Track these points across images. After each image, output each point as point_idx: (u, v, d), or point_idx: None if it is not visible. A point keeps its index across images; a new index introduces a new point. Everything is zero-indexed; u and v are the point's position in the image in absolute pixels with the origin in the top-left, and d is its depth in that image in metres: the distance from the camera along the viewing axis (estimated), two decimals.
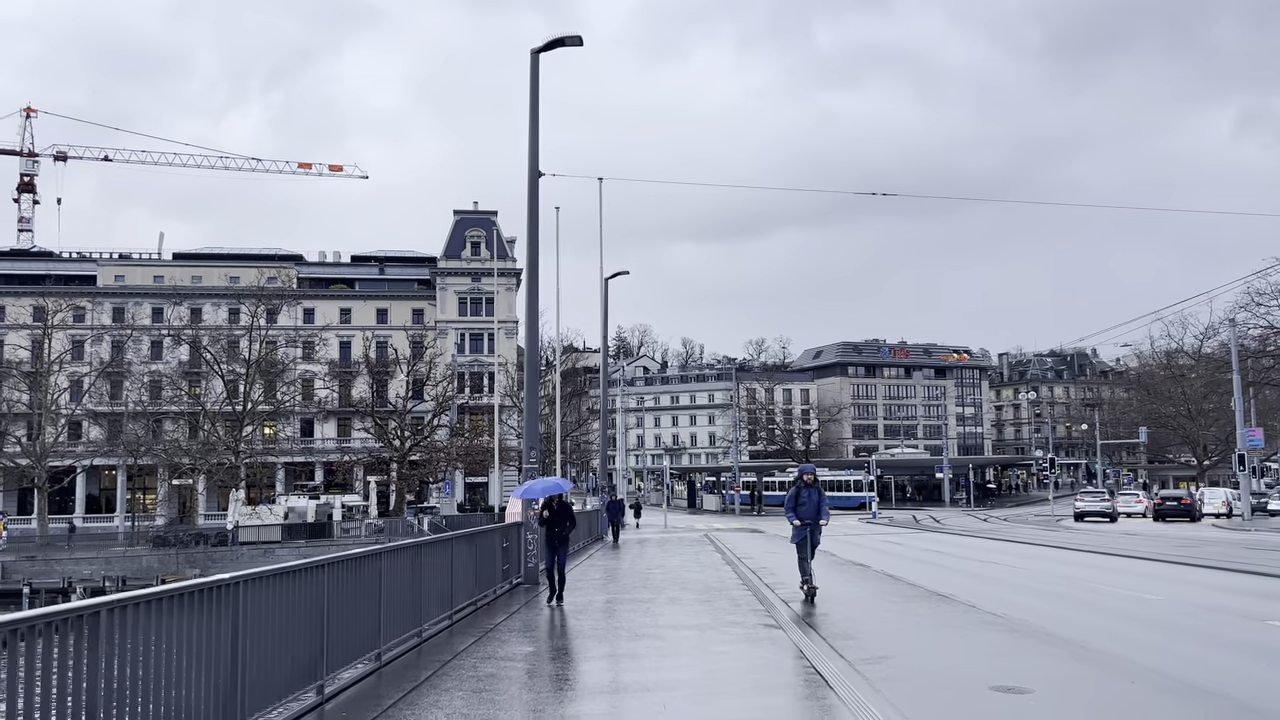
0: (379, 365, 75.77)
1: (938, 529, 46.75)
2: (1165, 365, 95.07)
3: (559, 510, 15.84)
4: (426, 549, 12.45)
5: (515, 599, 16.80)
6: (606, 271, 43.97)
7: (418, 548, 12.13)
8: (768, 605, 14.69)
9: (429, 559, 12.51)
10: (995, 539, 35.74)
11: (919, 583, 18.30)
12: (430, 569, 12.57)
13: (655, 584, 18.78)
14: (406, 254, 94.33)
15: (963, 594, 16.20)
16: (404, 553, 11.44)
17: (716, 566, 22.67)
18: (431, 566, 12.62)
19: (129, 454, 68.59)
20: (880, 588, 17.69)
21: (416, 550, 12.01)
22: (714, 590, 17.20)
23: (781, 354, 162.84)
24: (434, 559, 12.80)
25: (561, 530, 15.76)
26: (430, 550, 12.69)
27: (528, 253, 19.44)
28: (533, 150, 19.72)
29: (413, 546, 11.94)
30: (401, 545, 11.54)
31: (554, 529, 15.69)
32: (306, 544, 59.85)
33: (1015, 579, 19.77)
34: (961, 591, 16.59)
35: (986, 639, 11.75)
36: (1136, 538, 35.22)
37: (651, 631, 12.51)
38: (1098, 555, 26.26)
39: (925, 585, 17.80)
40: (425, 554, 12.32)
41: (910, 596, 16.27)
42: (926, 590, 16.99)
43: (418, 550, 12.06)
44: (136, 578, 57.59)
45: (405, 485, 68.48)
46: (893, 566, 22.37)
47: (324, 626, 8.66)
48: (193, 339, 72.01)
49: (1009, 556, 25.96)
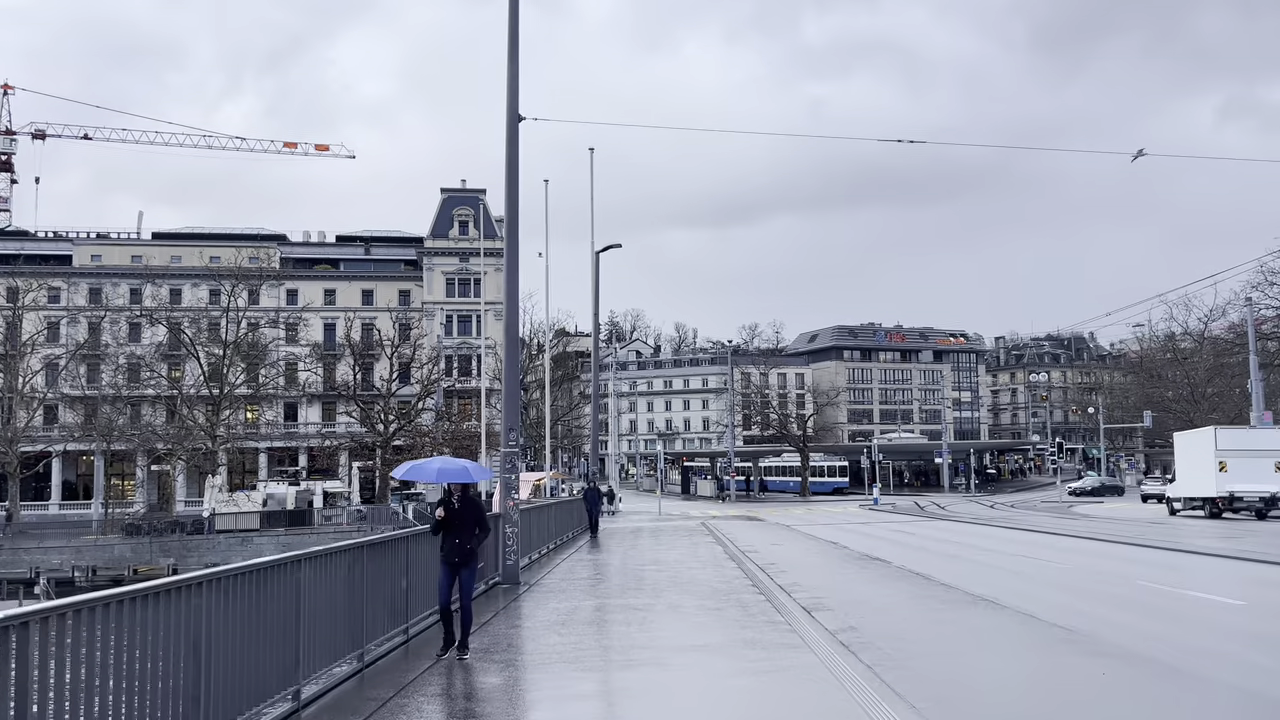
0: (364, 347, 73.31)
1: (946, 516, 44.54)
2: (1167, 348, 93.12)
3: (462, 509, 10.55)
4: (370, 552, 10.06)
5: (490, 604, 14.46)
6: (597, 246, 41.59)
7: (357, 550, 9.74)
8: (787, 615, 12.34)
9: (374, 565, 10.14)
10: (1012, 528, 33.50)
11: (953, 583, 15.98)
12: (377, 577, 10.21)
13: (652, 585, 16.44)
14: (393, 234, 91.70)
15: (1009, 597, 13.90)
16: (336, 559, 9.07)
17: (719, 562, 20.35)
18: (378, 574, 10.25)
19: (103, 438, 66.03)
20: (912, 590, 15.37)
21: (355, 555, 9.63)
22: (721, 594, 14.85)
23: (775, 338, 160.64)
24: (381, 564, 10.42)
25: (463, 541, 10.46)
26: (376, 553, 10.32)
27: (506, 208, 17.04)
28: (511, 91, 17.31)
29: (349, 550, 9.56)
30: (329, 550, 9.06)
31: (451, 539, 10.50)
32: (286, 532, 57.58)
33: (1059, 576, 17.48)
34: (1006, 594, 14.28)
35: (1073, 665, 9.43)
36: (1163, 527, 33.00)
37: (649, 656, 10.16)
38: (1136, 548, 24.01)
39: (961, 586, 15.49)
40: (369, 558, 9.94)
41: (950, 601, 13.95)
42: (966, 593, 14.67)
43: (357, 554, 9.68)
44: (108, 567, 55.26)
45: (389, 471, 66.02)
46: (916, 562, 20.07)
47: (201, 668, 6.31)
48: (166, 319, 69.27)
49: (1038, 549, 23.65)
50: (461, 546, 10.48)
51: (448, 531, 10.54)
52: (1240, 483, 36.79)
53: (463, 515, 10.54)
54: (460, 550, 10.48)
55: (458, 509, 10.54)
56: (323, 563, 8.71)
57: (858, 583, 16.41)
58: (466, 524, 10.55)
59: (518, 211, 16.78)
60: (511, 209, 16.84)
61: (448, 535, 10.55)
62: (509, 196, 16.76)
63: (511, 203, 16.81)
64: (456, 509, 10.53)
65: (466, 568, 10.55)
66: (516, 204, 16.80)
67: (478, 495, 11.76)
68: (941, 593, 14.89)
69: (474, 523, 10.61)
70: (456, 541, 10.49)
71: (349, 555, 9.47)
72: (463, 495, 10.63)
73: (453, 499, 10.53)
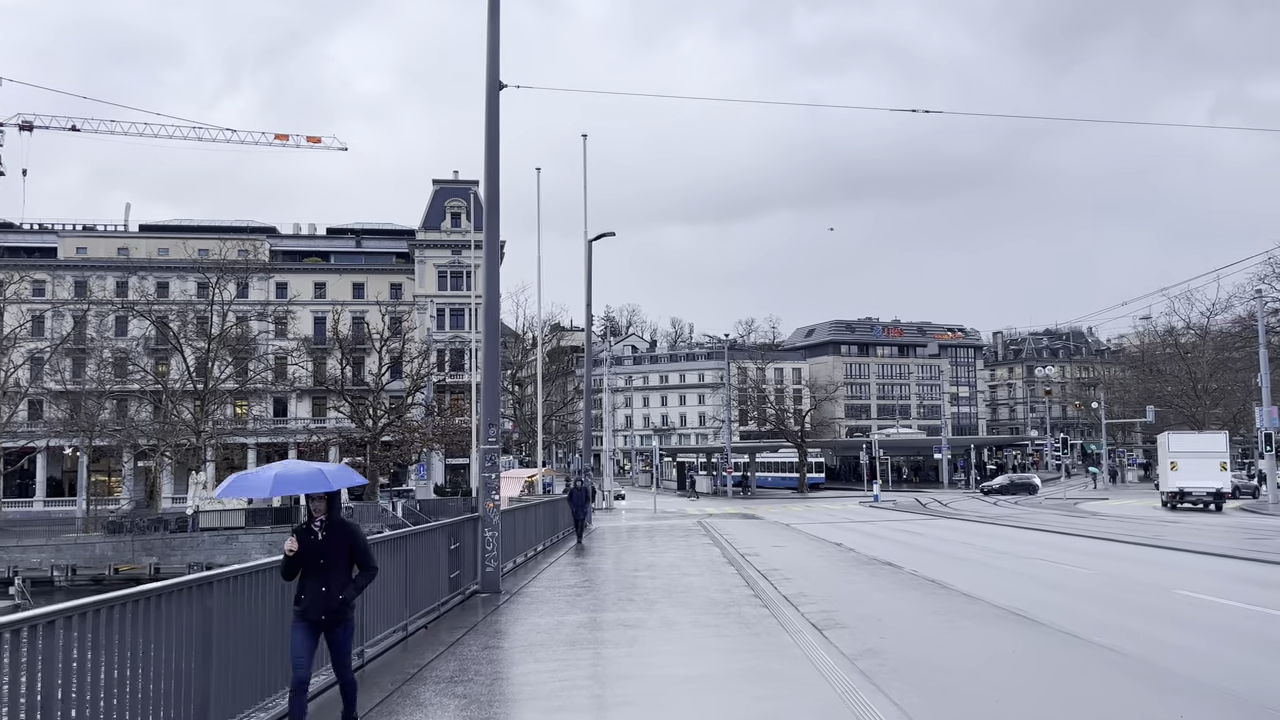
0: (354, 341, 71.84)
1: (950, 514, 43.16)
2: (1168, 343, 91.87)
3: (329, 539, 6.95)
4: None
5: (465, 618, 13.03)
6: (590, 234, 40.15)
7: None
8: (796, 635, 10.90)
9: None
10: (1022, 527, 32.11)
11: (974, 592, 14.56)
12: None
13: (644, 594, 15.00)
14: (384, 226, 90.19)
15: (1039, 610, 12.48)
16: (257, 579, 7.59)
17: (717, 567, 18.92)
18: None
19: (84, 434, 64.47)
20: (932, 602, 13.94)
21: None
22: (720, 607, 13.41)
23: (772, 334, 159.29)
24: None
25: (331, 588, 6.91)
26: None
27: (485, 182, 15.59)
28: (492, 56, 15.83)
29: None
30: (252, 569, 7.56)
31: (315, 584, 6.92)
32: (272, 529, 56.10)
33: (1086, 584, 16.06)
34: (1036, 607, 12.86)
35: (1142, 702, 8.03)
36: (1179, 526, 31.65)
37: (639, 691, 8.72)
38: (1157, 549, 22.64)
39: (984, 597, 14.07)
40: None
41: (975, 616, 12.52)
42: (991, 605, 13.25)
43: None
44: (88, 566, 53.84)
45: (378, 467, 64.54)
46: (928, 566, 18.66)
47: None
48: (148, 311, 67.67)
49: (1055, 551, 22.24)
50: (328, 596, 6.85)
51: (308, 573, 6.91)
52: (1189, 480, 42.97)
53: (329, 548, 6.89)
54: (327, 601, 6.85)
55: (321, 539, 6.92)
56: (242, 584, 7.27)
57: (870, 592, 15.01)
58: (335, 561, 6.92)
59: (498, 186, 15.33)
60: (491, 183, 15.40)
61: (309, 579, 6.90)
62: (488, 170, 15.31)
63: (491, 176, 15.37)
64: (319, 539, 6.92)
65: (341, 626, 7.01)
66: (497, 178, 15.35)
67: (350, 515, 7.34)
68: (964, 605, 13.47)
69: (347, 558, 7.01)
70: (322, 589, 6.85)
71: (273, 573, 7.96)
72: (329, 517, 7.02)
73: (313, 523, 6.98)
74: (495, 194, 15.44)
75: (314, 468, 7.07)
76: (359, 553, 7.11)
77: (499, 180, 15.39)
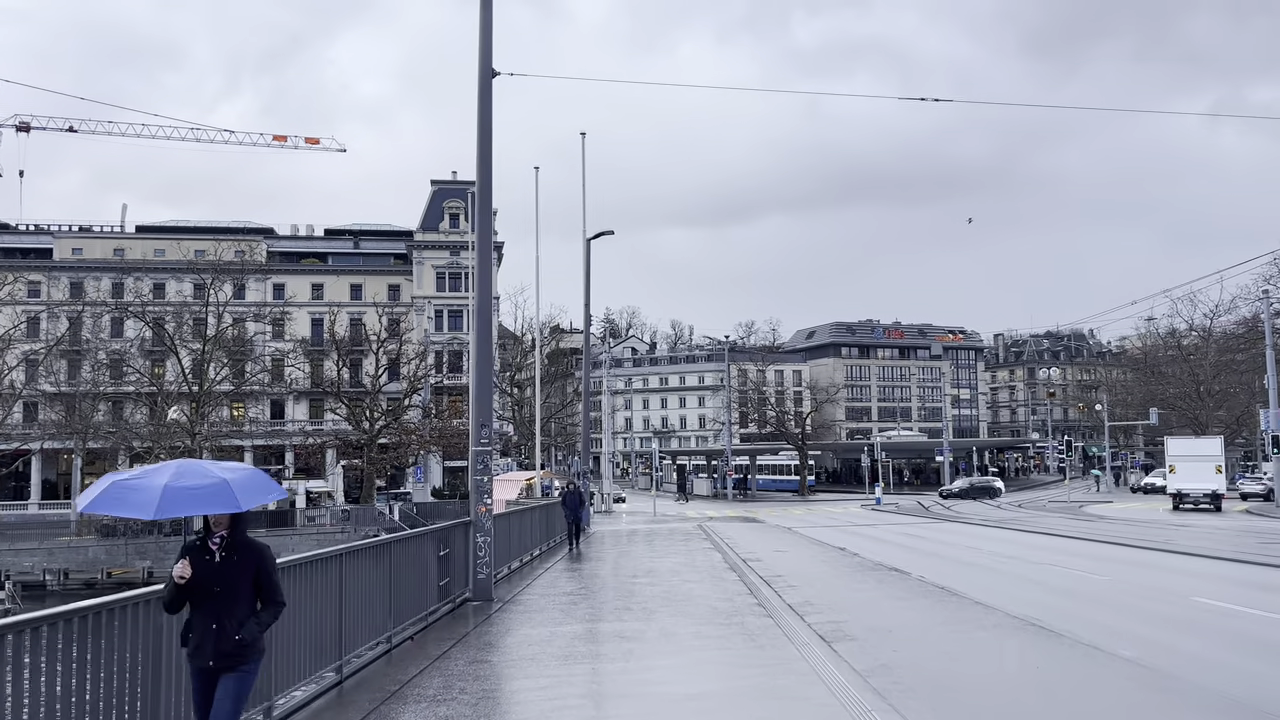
0: (351, 343, 71.23)
1: (954, 518, 42.52)
2: (1169, 345, 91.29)
3: (226, 562, 5.57)
4: (291, 575, 7.99)
5: (454, 628, 12.41)
6: (589, 233, 39.56)
7: None
8: (803, 648, 10.28)
9: (296, 593, 8.10)
10: (1028, 531, 31.50)
11: (987, 601, 13.94)
12: (297, 611, 8.17)
13: (642, 603, 14.38)
14: (382, 227, 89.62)
15: (1057, 620, 11.86)
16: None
17: (718, 573, 18.29)
18: (298, 609, 8.20)
19: (78, 436, 63.83)
20: (943, 611, 13.32)
21: None
22: (722, 616, 12.79)
23: (772, 336, 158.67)
24: (305, 592, 8.36)
25: (227, 626, 5.50)
26: (300, 575, 8.27)
27: (478, 172, 14.99)
28: (485, 43, 15.28)
29: None
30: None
31: (206, 620, 5.51)
32: (267, 533, 55.45)
33: (1102, 591, 15.45)
34: (1053, 616, 12.24)
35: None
36: (1189, 530, 31.03)
37: (639, 711, 8.10)
38: (1168, 554, 22.02)
39: (998, 605, 13.44)
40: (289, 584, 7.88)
41: (991, 627, 11.91)
42: (1006, 614, 12.62)
43: None
44: (80, 570, 53.40)
45: (375, 470, 63.91)
46: (936, 572, 18.04)
47: None
48: (142, 312, 67.02)
49: (1065, 556, 21.61)
50: (220, 634, 5.44)
51: (198, 604, 5.49)
52: (1187, 482, 44.75)
53: (229, 574, 5.50)
54: (218, 642, 5.44)
55: (219, 561, 5.51)
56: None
57: (878, 601, 14.39)
58: (235, 590, 5.51)
59: (490, 176, 14.74)
60: (484, 172, 14.80)
61: (198, 612, 5.50)
62: (480, 159, 14.71)
63: (484, 165, 14.77)
64: (216, 561, 5.51)
65: (234, 673, 5.48)
66: (489, 167, 14.75)
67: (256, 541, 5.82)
68: (979, 615, 12.85)
69: (250, 587, 5.59)
70: (213, 625, 5.45)
71: None
72: (231, 534, 5.59)
73: (210, 540, 5.55)
74: (488, 184, 14.85)
75: (217, 478, 5.36)
76: (265, 581, 5.64)
77: (491, 170, 14.81)
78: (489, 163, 14.68)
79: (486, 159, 14.71)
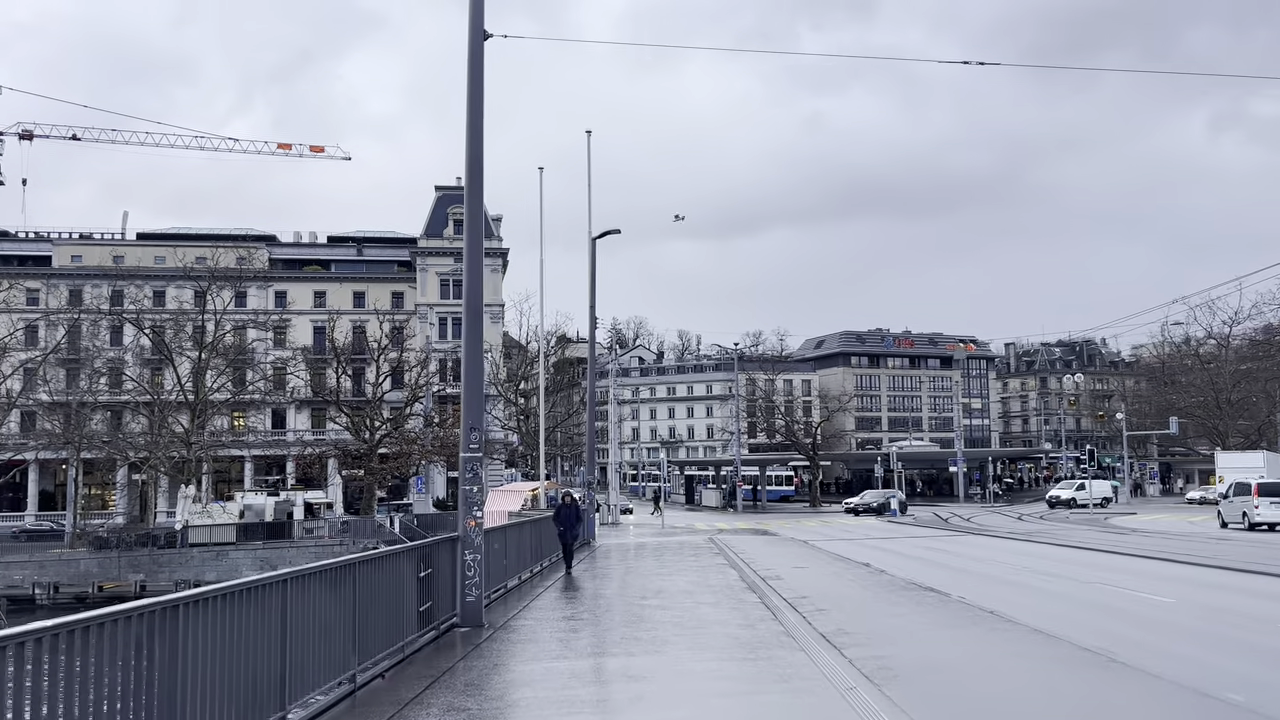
0: (354, 351, 69.70)
1: (976, 530, 40.61)
2: (1185, 353, 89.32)
3: None
4: (192, 612, 6.22)
5: (436, 661, 10.69)
6: (594, 233, 37.91)
7: (174, 610, 5.96)
8: (844, 691, 8.50)
9: (214, 632, 6.38)
10: (1061, 544, 29.63)
11: (1047, 628, 12.14)
12: (219, 653, 6.46)
13: (652, 630, 12.62)
14: (386, 234, 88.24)
15: (1135, 654, 10.09)
16: (136, 623, 5.27)
17: (737, 594, 16.52)
18: (219, 651, 6.48)
19: (73, 445, 62.28)
20: (1001, 642, 11.53)
21: (171, 615, 5.85)
22: (745, 648, 11.02)
23: (779, 346, 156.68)
24: (231, 628, 6.65)
25: None
26: (224, 608, 6.56)
27: (468, 144, 13.33)
28: (476, 1, 13.63)
29: (162, 608, 5.79)
30: (127, 611, 5.36)
31: None
32: (264, 545, 53.91)
33: (1173, 617, 13.66)
34: (1129, 648, 10.46)
35: None
36: (1235, 545, 29.13)
37: None
38: (1243, 575, 20.17)
39: (1061, 634, 11.65)
40: (192, 622, 6.14)
41: (1064, 661, 10.11)
42: (1075, 645, 10.82)
43: (171, 616, 5.90)
44: (72, 584, 51.75)
45: (376, 480, 62.17)
46: (976, 592, 16.23)
47: None
48: (139, 319, 65.54)
49: (1114, 574, 19.79)
50: None
51: None
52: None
53: None
54: None
55: None
56: (107, 635, 4.93)
57: (921, 629, 12.61)
58: None
59: (482, 146, 13.09)
60: (474, 142, 13.14)
61: None
62: (470, 129, 13.07)
63: (474, 136, 13.12)
64: None
65: None
66: (480, 138, 13.10)
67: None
68: (1041, 647, 11.07)
69: None
70: None
71: (159, 616, 5.62)
72: None
73: None
74: (479, 156, 13.20)
75: None
76: None
77: (483, 142, 13.17)
78: (480, 129, 13.05)
79: (477, 129, 13.07)
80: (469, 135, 13.18)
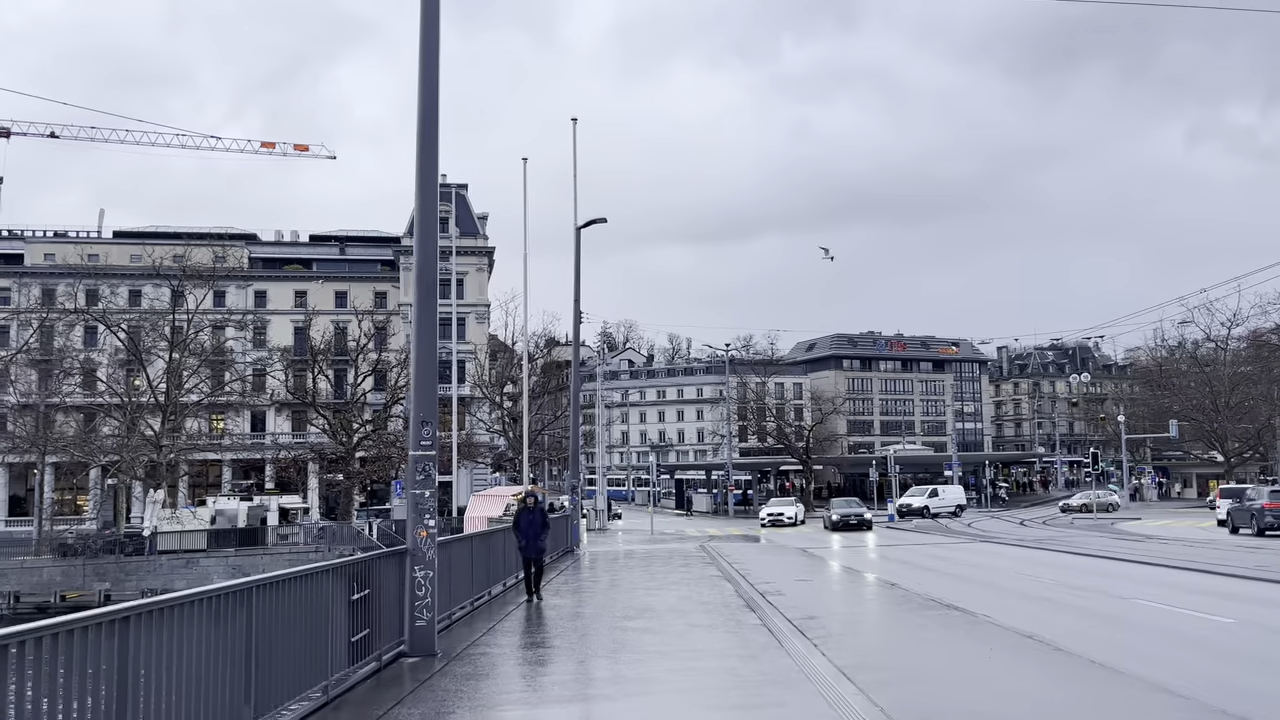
0: (336, 351, 67.58)
1: (983, 537, 38.53)
2: (1183, 357, 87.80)
3: None
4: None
5: (368, 706, 8.62)
6: (579, 221, 35.97)
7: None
8: None
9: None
10: (1072, 552, 27.69)
11: (1107, 660, 10.12)
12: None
13: (636, 662, 10.54)
14: (369, 233, 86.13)
15: (1209, 690, 8.11)
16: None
17: (734, 614, 14.45)
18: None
19: (38, 449, 59.87)
20: (1060, 678, 9.50)
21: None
22: (749, 687, 8.96)
23: (770, 350, 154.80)
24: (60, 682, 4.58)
25: None
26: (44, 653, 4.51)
27: (421, 67, 11.26)
28: None
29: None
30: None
31: None
32: (237, 552, 51.73)
33: (1230, 640, 11.69)
34: (1214, 689, 8.47)
35: None
36: (1268, 554, 27.23)
37: None
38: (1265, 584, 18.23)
39: (1129, 669, 9.64)
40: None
41: (1149, 712, 8.12)
42: (1154, 685, 8.81)
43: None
44: (33, 593, 49.56)
45: (354, 484, 59.98)
46: (1005, 611, 14.19)
47: None
48: (103, 316, 63.16)
49: (1140, 586, 17.80)
50: None
51: None
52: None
53: None
54: None
55: None
56: None
57: (960, 661, 10.58)
58: None
59: (437, 75, 10.97)
60: (428, 65, 11.04)
61: None
62: (424, 54, 10.99)
63: (428, 60, 11.02)
64: None
65: None
66: (436, 65, 11.00)
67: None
68: (1111, 686, 9.03)
69: None
70: None
71: None
72: None
73: None
74: (434, 80, 11.01)
75: None
76: None
77: (438, 70, 11.06)
78: (435, 59, 10.95)
79: (432, 50, 10.98)
80: (422, 58, 11.10)
